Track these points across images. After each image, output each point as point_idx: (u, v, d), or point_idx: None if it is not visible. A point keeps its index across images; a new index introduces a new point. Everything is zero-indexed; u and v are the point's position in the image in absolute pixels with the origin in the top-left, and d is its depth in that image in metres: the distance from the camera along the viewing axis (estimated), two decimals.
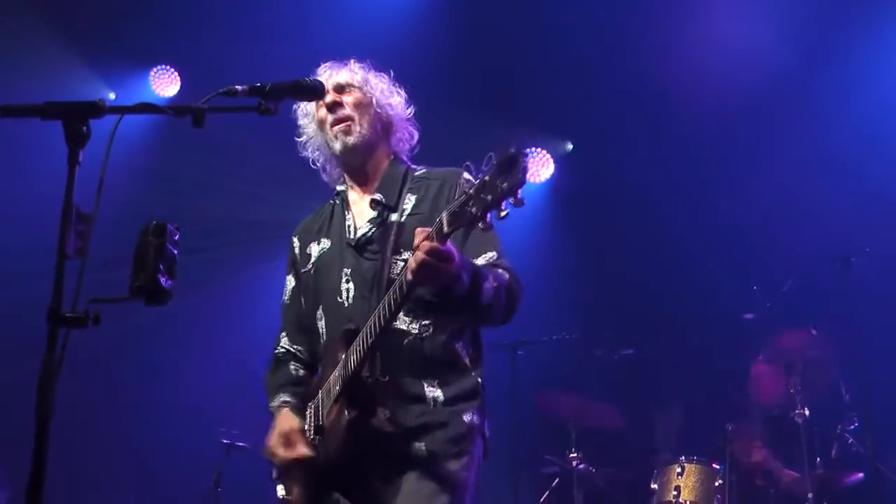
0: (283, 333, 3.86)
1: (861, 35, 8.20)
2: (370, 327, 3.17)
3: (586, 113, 8.90)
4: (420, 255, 2.90)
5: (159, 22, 8.49)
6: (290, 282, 3.86)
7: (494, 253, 3.42)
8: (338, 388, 3.32)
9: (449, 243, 2.91)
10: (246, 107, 2.92)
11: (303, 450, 3.45)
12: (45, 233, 2.79)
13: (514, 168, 2.57)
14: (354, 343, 3.26)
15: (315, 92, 3.40)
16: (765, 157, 8.52)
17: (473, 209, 2.68)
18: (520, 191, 2.57)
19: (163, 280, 2.49)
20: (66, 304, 2.38)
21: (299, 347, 3.79)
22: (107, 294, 2.43)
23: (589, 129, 9.00)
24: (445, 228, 2.82)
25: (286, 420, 3.57)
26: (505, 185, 2.58)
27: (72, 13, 8.34)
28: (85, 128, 2.50)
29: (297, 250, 3.84)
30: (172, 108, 2.78)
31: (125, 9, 8.43)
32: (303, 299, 3.77)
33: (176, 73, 9.22)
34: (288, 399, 3.66)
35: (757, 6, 8.26)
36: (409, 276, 2.95)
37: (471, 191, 2.70)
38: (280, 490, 3.63)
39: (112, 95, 8.94)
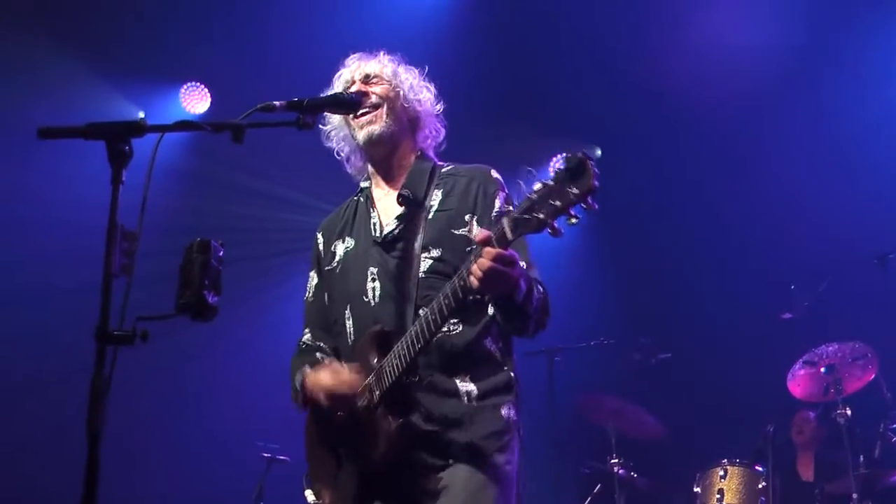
0: (307, 330, 3.78)
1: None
2: (417, 333, 3.11)
3: (617, 119, 8.87)
4: (486, 261, 2.85)
5: (187, 39, 8.53)
6: (314, 278, 3.79)
7: (524, 263, 3.28)
8: (378, 393, 3.26)
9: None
10: (284, 122, 2.95)
11: (352, 375, 3.33)
12: (92, 243, 2.81)
13: (584, 173, 2.56)
14: (397, 348, 3.20)
15: (353, 106, 3.44)
16: (800, 155, 8.46)
17: (541, 215, 2.64)
18: (590, 197, 2.57)
19: (208, 296, 2.52)
20: (113, 321, 2.40)
21: (322, 344, 3.70)
22: (150, 308, 2.45)
23: (620, 135, 8.98)
24: (509, 235, 2.79)
25: (318, 367, 3.47)
26: (576, 190, 2.57)
27: (98, 34, 8.38)
28: (127, 147, 2.53)
29: (321, 246, 3.77)
30: (211, 125, 2.80)
31: (152, 28, 8.48)
32: (326, 297, 3.69)
33: (206, 90, 9.26)
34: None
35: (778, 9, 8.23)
36: (474, 282, 2.89)
37: (535, 196, 2.66)
38: (309, 496, 3.53)
39: (141, 114, 8.96)
